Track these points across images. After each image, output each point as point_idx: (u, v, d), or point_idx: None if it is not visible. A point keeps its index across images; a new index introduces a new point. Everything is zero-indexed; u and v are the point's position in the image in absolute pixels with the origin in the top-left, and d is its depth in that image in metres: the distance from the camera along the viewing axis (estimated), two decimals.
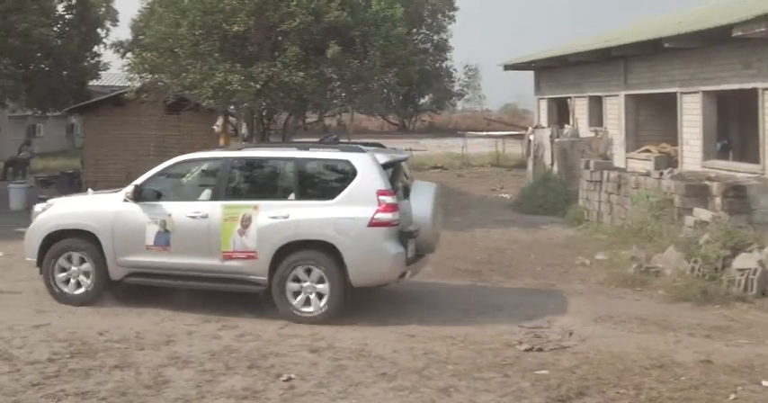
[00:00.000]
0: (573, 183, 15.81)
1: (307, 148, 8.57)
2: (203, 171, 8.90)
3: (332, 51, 14.02)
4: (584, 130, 17.97)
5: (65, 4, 21.03)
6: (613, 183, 13.67)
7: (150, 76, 15.16)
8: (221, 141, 16.36)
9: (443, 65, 56.56)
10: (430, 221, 8.38)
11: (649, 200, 11.91)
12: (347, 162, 8.01)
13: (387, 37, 15.01)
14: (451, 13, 55.69)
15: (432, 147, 35.64)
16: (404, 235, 7.93)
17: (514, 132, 31.98)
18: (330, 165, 8.32)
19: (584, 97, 18.54)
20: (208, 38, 14.44)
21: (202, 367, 6.43)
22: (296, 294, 7.89)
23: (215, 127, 16.25)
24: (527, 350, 6.91)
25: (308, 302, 7.87)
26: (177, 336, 7.32)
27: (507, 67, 21.67)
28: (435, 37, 55.82)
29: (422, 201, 8.41)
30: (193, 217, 8.20)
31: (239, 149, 9.37)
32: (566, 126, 18.33)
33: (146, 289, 8.66)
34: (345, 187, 7.92)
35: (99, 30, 23.49)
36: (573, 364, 6.47)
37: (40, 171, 25.49)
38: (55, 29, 19.57)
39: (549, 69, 20.69)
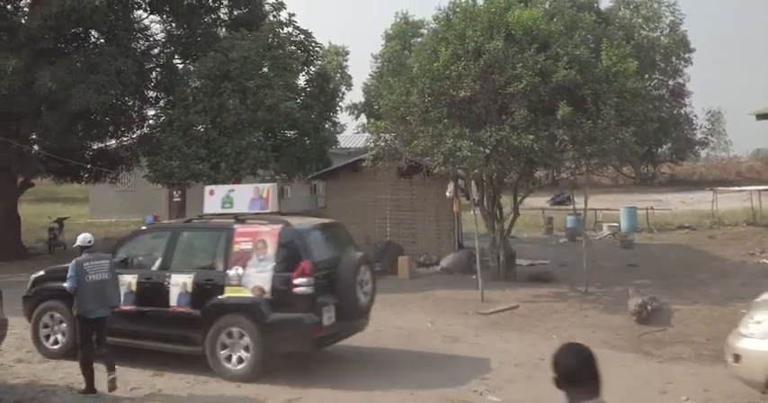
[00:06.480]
0: None
1: None
2: None
3: (562, 112, 13.50)
4: None
5: (305, 78, 22.74)
6: None
7: (385, 143, 15.68)
8: (454, 206, 16.36)
9: (682, 111, 52.96)
10: None
11: None
12: None
13: (620, 93, 14.17)
14: (687, 55, 52.16)
15: (675, 203, 33.30)
16: None
17: None
18: None
19: None
20: (436, 104, 14.65)
21: None
22: None
23: (447, 193, 16.29)
24: None
25: None
26: None
27: (760, 117, 19.59)
28: (671, 82, 52.57)
29: None
30: None
31: None
32: None
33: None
34: None
35: (335, 98, 25.01)
36: None
37: None
38: (298, 101, 21.08)
39: None
